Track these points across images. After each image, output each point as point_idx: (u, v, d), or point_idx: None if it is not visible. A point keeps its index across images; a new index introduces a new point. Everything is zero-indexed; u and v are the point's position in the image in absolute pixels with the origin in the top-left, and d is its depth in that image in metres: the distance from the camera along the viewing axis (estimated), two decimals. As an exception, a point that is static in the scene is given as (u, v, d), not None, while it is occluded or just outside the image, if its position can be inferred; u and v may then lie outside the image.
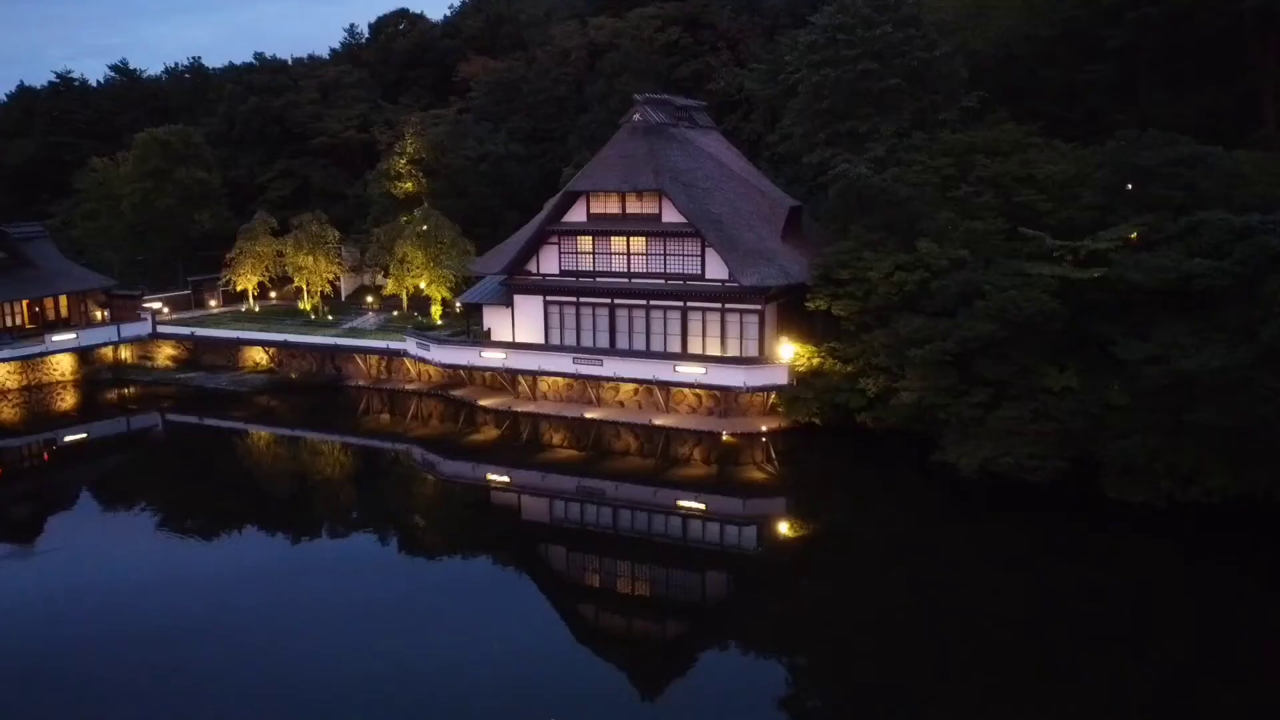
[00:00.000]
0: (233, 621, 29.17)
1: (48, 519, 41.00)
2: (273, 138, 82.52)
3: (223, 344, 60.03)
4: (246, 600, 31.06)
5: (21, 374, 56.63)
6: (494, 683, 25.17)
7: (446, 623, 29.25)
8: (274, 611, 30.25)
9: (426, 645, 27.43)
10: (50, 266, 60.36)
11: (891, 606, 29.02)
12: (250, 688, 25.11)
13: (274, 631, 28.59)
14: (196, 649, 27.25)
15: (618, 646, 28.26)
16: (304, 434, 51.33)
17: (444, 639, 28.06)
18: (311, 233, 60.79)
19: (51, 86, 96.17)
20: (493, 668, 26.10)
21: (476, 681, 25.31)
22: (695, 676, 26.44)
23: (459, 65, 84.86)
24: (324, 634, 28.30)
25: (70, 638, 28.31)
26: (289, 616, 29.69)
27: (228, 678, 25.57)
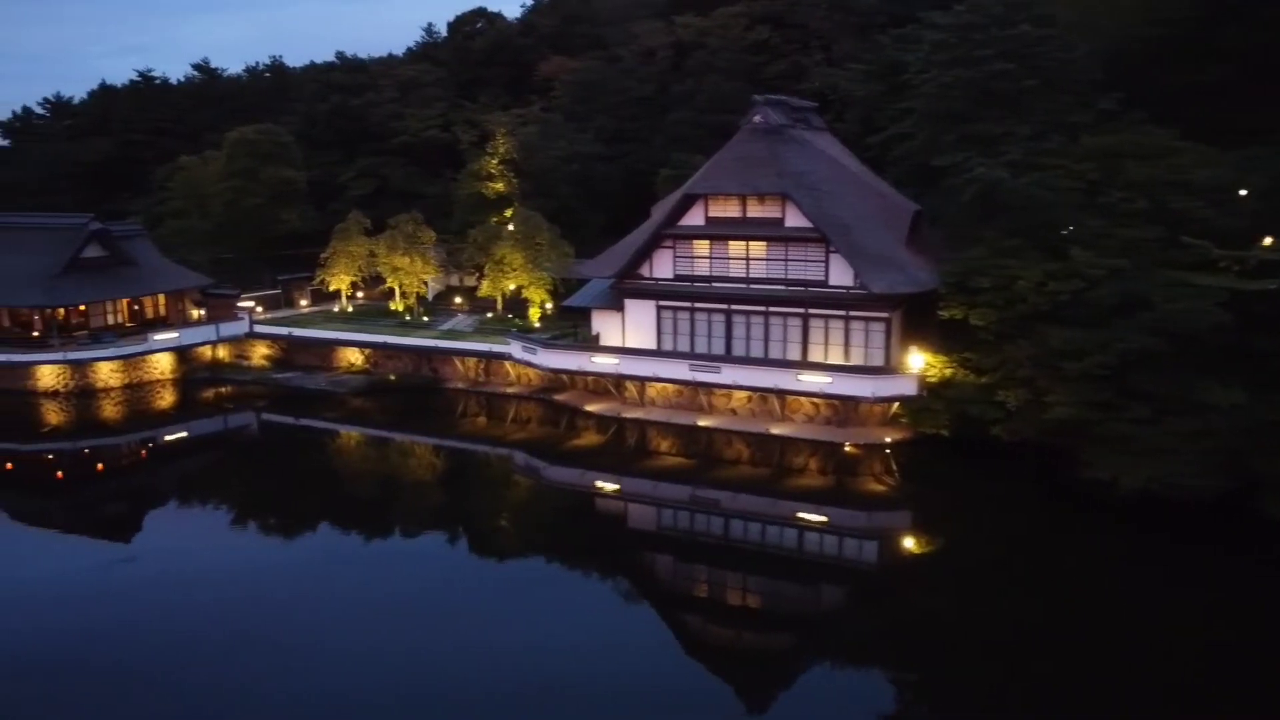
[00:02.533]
0: (312, 621, 29.21)
1: (143, 515, 41.51)
2: (352, 137, 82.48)
3: (318, 344, 59.87)
4: (337, 594, 31.17)
5: (124, 372, 56.79)
6: (598, 693, 24.79)
7: (551, 628, 28.72)
8: (378, 611, 29.91)
9: (528, 649, 27.05)
10: (150, 265, 60.59)
11: (1019, 631, 27.88)
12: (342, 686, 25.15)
13: (374, 632, 28.19)
14: (273, 644, 27.75)
15: (726, 657, 27.76)
16: (401, 436, 51.12)
17: (548, 644, 27.58)
18: (407, 233, 60.37)
19: (131, 85, 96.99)
20: (597, 676, 25.71)
21: (578, 690, 24.89)
22: (803, 690, 25.84)
23: (537, 64, 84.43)
24: (427, 635, 28.06)
25: (149, 627, 28.95)
26: (394, 618, 29.20)
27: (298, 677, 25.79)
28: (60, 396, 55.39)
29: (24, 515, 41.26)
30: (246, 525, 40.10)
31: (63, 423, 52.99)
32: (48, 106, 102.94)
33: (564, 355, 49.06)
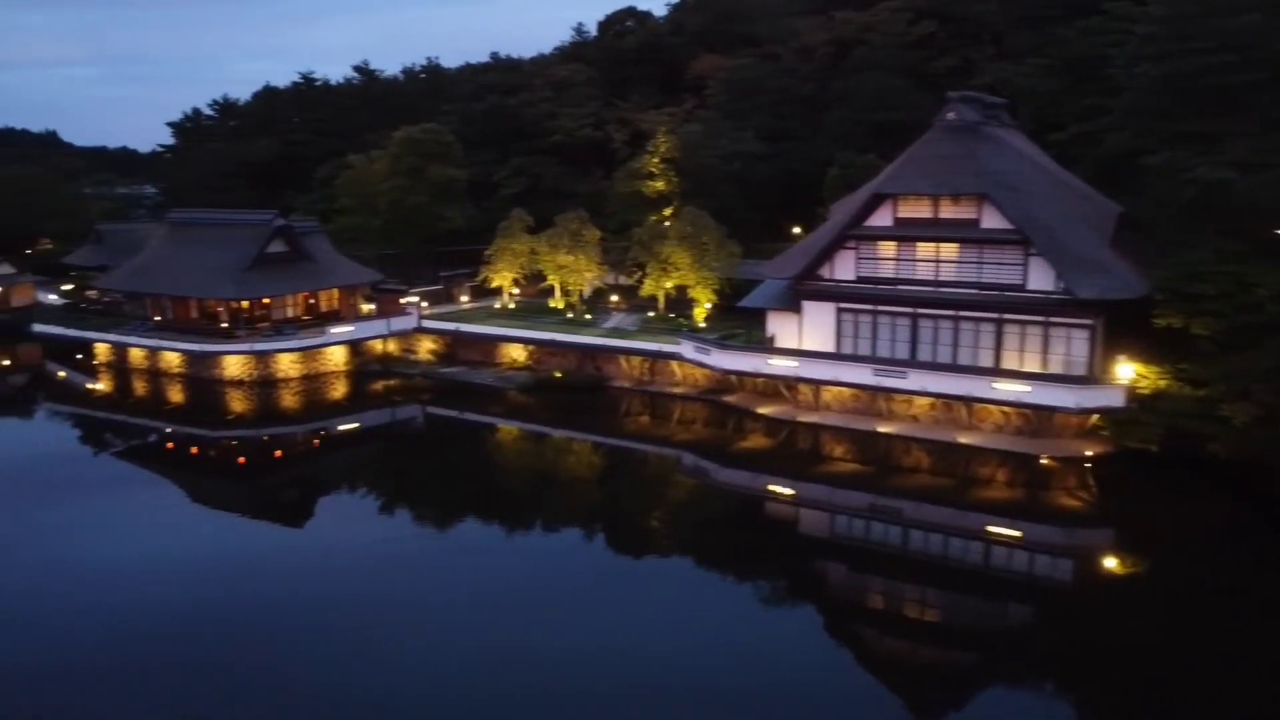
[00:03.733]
0: (457, 612, 29.42)
1: (313, 501, 43.34)
2: (506, 136, 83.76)
3: (482, 340, 60.83)
4: (485, 587, 31.60)
5: (302, 363, 58.87)
6: (760, 700, 24.28)
7: (717, 633, 28.30)
8: (529, 604, 30.11)
9: (694, 653, 26.74)
10: (325, 261, 62.69)
11: (1225, 666, 25.81)
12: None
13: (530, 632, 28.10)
14: (411, 629, 28.28)
15: (899, 670, 26.89)
16: (564, 433, 51.49)
17: (713, 649, 27.18)
18: (572, 231, 60.74)
19: (294, 86, 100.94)
20: (762, 684, 25.14)
21: (746, 700, 24.36)
22: (981, 710, 24.82)
23: (688, 63, 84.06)
24: (577, 630, 28.11)
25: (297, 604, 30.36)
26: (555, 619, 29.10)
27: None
28: (244, 385, 57.81)
29: (208, 498, 43.29)
30: (404, 514, 41.31)
31: (246, 410, 55.32)
32: (215, 108, 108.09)
33: (739, 356, 48.41)
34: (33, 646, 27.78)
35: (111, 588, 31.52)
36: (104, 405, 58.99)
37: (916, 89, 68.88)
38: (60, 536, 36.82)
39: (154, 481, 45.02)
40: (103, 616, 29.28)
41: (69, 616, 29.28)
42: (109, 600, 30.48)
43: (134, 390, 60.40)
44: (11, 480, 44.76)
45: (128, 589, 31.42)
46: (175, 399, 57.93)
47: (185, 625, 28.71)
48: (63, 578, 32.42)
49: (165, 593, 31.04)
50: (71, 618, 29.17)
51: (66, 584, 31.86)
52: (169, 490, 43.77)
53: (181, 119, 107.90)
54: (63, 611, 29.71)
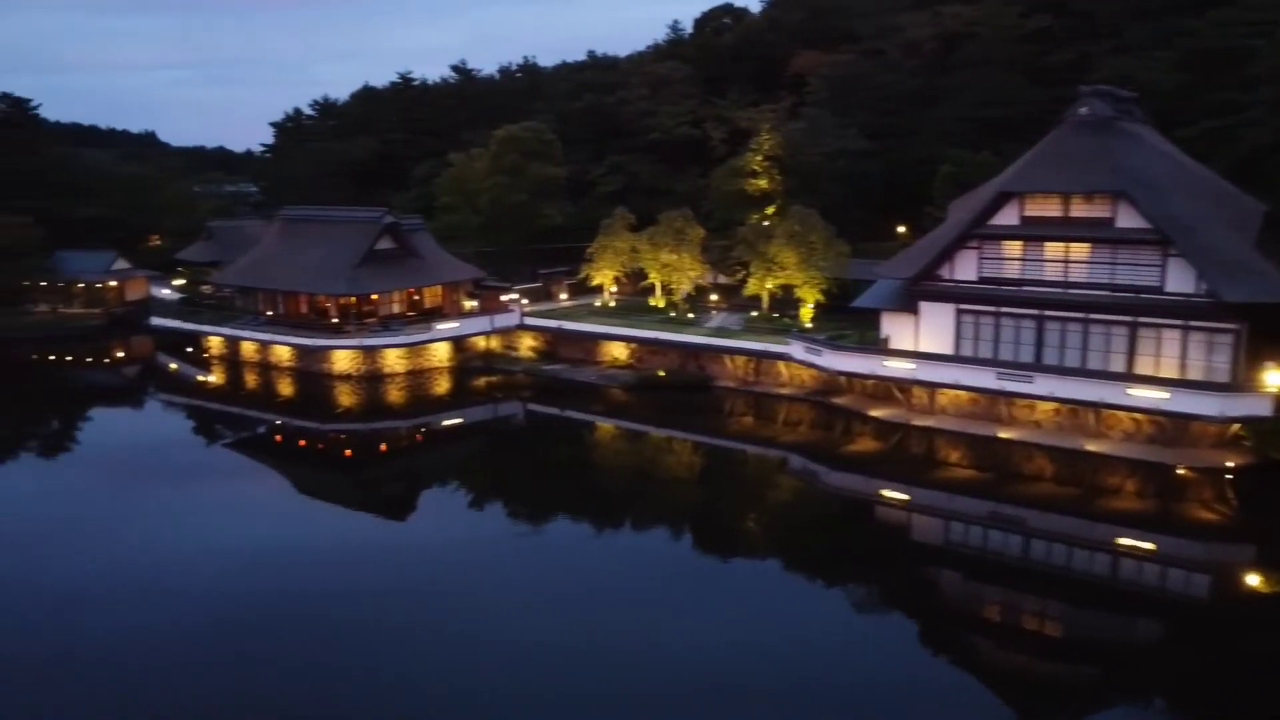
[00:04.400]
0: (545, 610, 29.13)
1: (415, 495, 43.75)
2: (603, 134, 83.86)
3: (584, 338, 60.78)
4: (580, 584, 31.35)
5: (408, 359, 59.57)
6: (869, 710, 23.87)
7: (821, 638, 27.78)
8: (624, 603, 29.97)
9: (796, 660, 26.13)
10: (431, 257, 63.39)
11: None
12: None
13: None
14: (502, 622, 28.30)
15: (1015, 684, 25.87)
16: (665, 432, 50.94)
17: (814, 654, 26.66)
18: (675, 229, 60.28)
19: (393, 86, 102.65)
20: (868, 693, 24.64)
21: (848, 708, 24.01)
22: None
23: (787, 60, 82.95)
24: (668, 628, 27.80)
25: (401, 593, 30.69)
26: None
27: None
28: (352, 380, 58.73)
29: (314, 489, 43.92)
30: (503, 509, 41.67)
31: (353, 405, 56.18)
32: (316, 107, 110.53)
33: (852, 358, 47.36)
34: (137, 625, 28.60)
35: (215, 572, 32.32)
36: (215, 397, 60.56)
37: (1028, 84, 66.83)
38: (170, 522, 38.05)
39: (262, 472, 46.10)
40: (202, 599, 30.07)
41: (171, 598, 30.18)
42: (210, 584, 31.29)
43: (245, 383, 61.89)
44: (126, 467, 46.33)
45: (231, 574, 32.19)
46: (285, 392, 59.15)
47: (277, 610, 29.43)
48: (170, 561, 33.42)
49: (264, 578, 31.82)
50: (174, 600, 30.07)
51: (174, 567, 32.83)
52: (276, 480, 44.76)
53: (283, 119, 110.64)
54: (166, 593, 30.65)
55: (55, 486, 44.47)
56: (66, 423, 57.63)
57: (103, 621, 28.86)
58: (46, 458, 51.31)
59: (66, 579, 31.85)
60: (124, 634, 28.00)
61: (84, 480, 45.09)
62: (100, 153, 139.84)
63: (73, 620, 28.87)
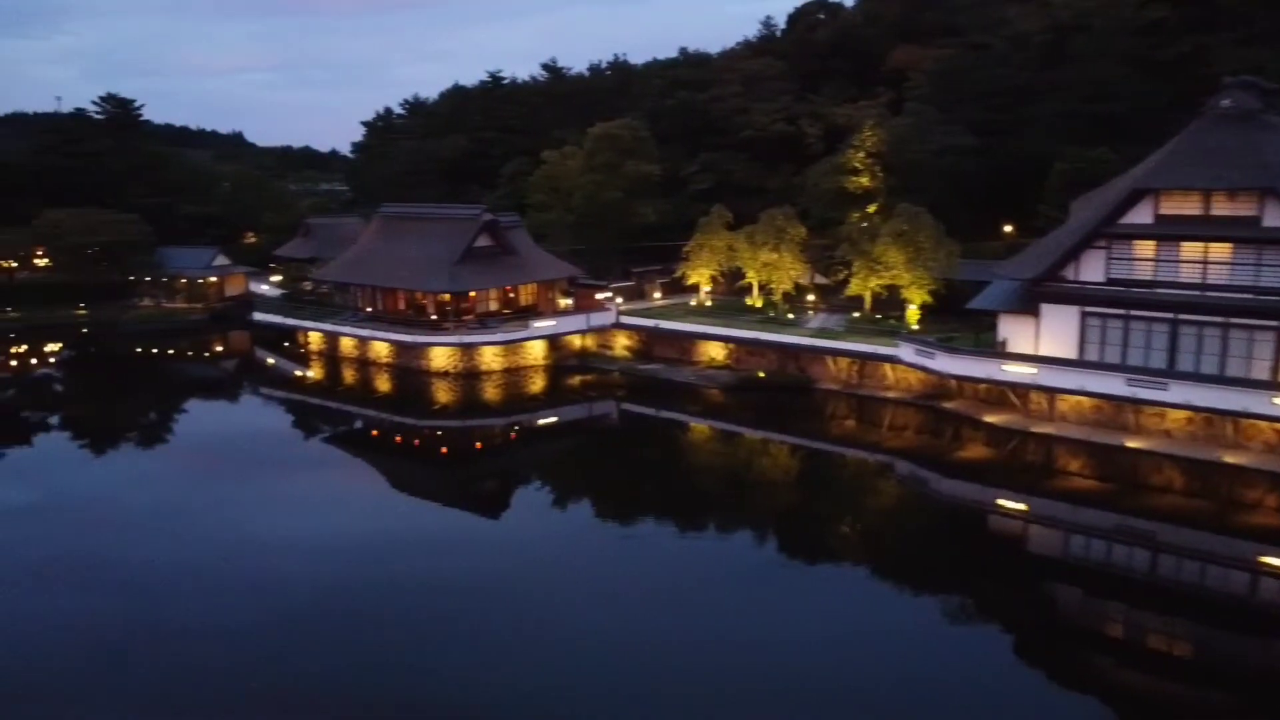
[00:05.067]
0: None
1: (509, 492, 43.55)
2: (695, 131, 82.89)
3: (680, 337, 59.96)
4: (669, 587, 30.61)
5: (504, 357, 59.48)
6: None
7: (931, 653, 26.53)
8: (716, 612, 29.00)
9: (890, 670, 25.27)
10: (528, 255, 63.23)
11: None
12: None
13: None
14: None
15: (1138, 709, 24.52)
16: (764, 434, 49.99)
17: (919, 668, 25.46)
18: (776, 227, 59.05)
19: (482, 85, 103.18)
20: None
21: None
22: None
23: (885, 55, 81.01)
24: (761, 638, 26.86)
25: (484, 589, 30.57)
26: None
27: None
28: (449, 377, 58.84)
29: (408, 485, 43.80)
30: (595, 508, 40.83)
31: (451, 401, 56.26)
32: (406, 106, 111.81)
33: (968, 361, 45.60)
34: (230, 607, 29.37)
35: (304, 561, 32.89)
36: (314, 391, 61.28)
37: (1141, 78, 63.99)
38: (265, 511, 39.01)
39: (358, 466, 46.52)
40: (291, 587, 30.69)
41: (261, 585, 31.00)
42: (298, 573, 31.82)
43: (343, 378, 62.52)
44: (226, 457, 47.35)
45: (319, 563, 32.74)
46: (382, 388, 59.53)
47: (362, 599, 29.75)
48: (261, 550, 34.33)
49: (353, 568, 32.22)
50: (262, 586, 30.86)
51: (264, 556, 33.72)
52: (371, 475, 45.02)
53: (374, 118, 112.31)
54: (255, 579, 31.54)
55: (157, 474, 45.64)
56: (170, 414, 58.95)
57: (189, 606, 29.53)
58: (149, 447, 52.53)
59: (161, 563, 32.92)
60: (209, 618, 28.55)
61: (185, 469, 46.21)
62: (195, 153, 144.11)
63: (161, 603, 29.75)
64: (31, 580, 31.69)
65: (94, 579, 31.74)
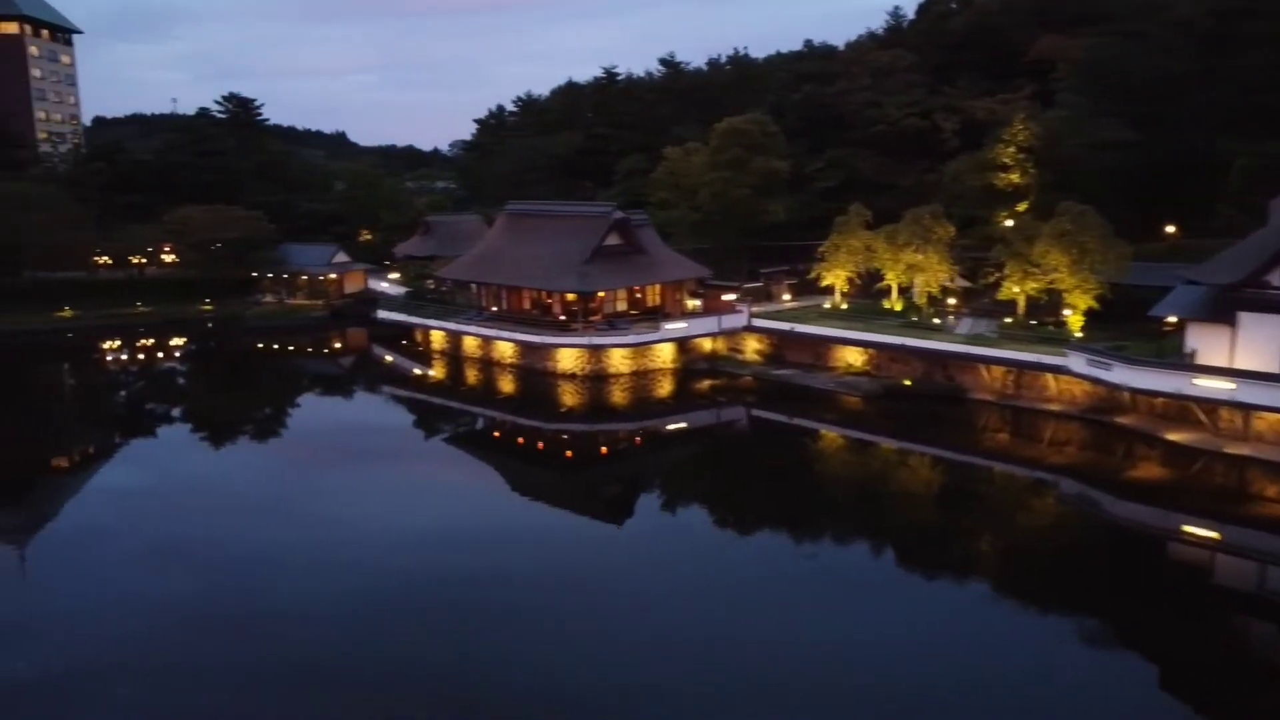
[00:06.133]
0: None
1: (633, 499, 41.89)
2: (821, 126, 79.77)
3: (814, 341, 57.16)
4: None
5: (632, 359, 57.54)
6: None
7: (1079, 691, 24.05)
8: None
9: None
10: (657, 254, 61.20)
11: None
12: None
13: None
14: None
15: None
16: (904, 445, 47.27)
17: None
18: (922, 226, 55.71)
19: (595, 81, 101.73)
20: None
21: None
22: None
23: (1028, 44, 76.56)
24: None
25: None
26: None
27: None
28: (576, 379, 57.18)
29: (529, 487, 42.56)
30: (720, 518, 38.74)
31: (577, 404, 54.59)
32: (518, 104, 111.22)
33: (1151, 374, 41.77)
34: (334, 592, 29.95)
35: (415, 554, 33.12)
36: (434, 390, 60.57)
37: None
38: (379, 504, 38.87)
39: (478, 466, 45.77)
40: (399, 577, 30.96)
41: (366, 571, 31.48)
42: (408, 563, 32.21)
43: (464, 377, 61.55)
44: (343, 452, 47.72)
45: (432, 555, 33.25)
46: (505, 388, 58.29)
47: (464, 593, 29.90)
48: (375, 540, 34.54)
49: (463, 563, 32.33)
50: (369, 574, 31.28)
51: (375, 546, 33.94)
52: (490, 475, 44.27)
53: (486, 115, 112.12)
54: (362, 567, 31.90)
55: (275, 466, 46.64)
56: (290, 409, 59.78)
57: (293, 588, 30.46)
58: (265, 440, 53.52)
59: (278, 547, 34.41)
60: (311, 601, 29.30)
61: (302, 461, 46.66)
62: (307, 151, 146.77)
63: (267, 582, 30.89)
64: (143, 559, 32.94)
65: (201, 560, 32.96)
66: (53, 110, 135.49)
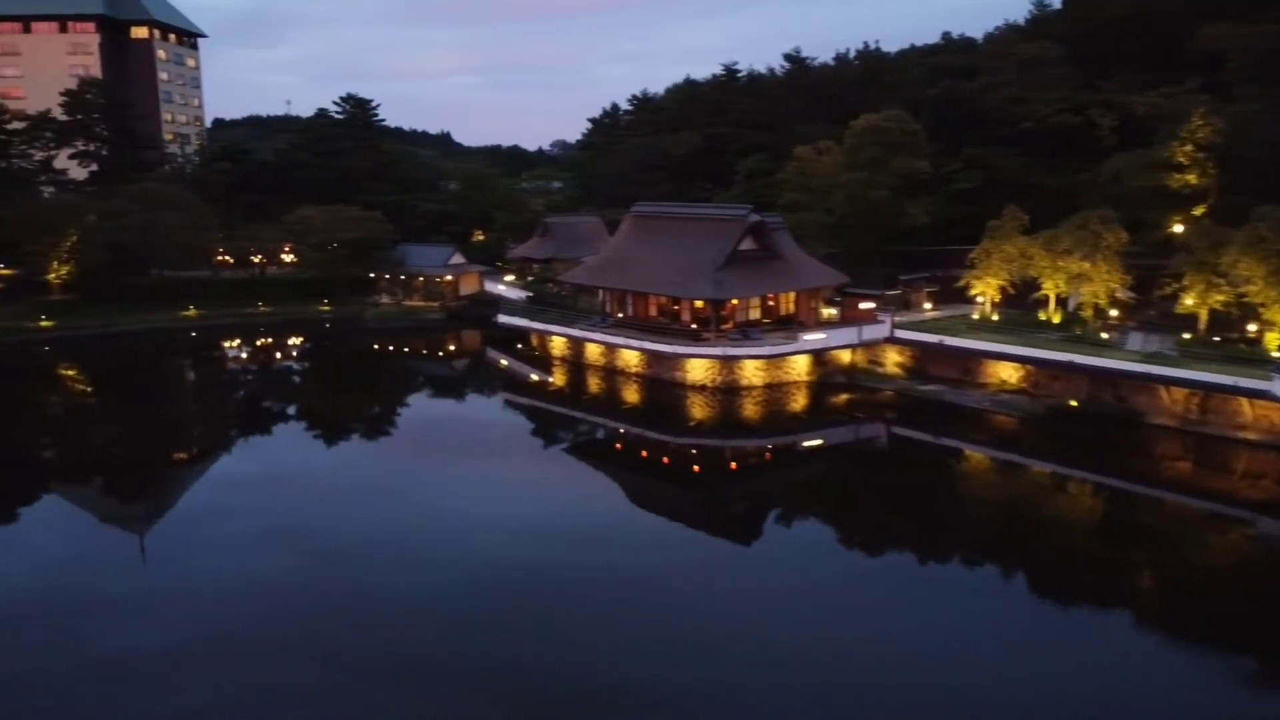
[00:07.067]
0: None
1: (761, 518, 39.30)
2: (959, 124, 74.95)
3: (963, 355, 52.90)
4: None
5: (765, 371, 54.27)
6: None
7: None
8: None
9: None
10: (793, 260, 57.75)
11: None
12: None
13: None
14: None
15: None
16: (1071, 471, 43.07)
17: None
18: (1091, 232, 50.91)
19: (715, 79, 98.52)
20: None
21: None
22: None
23: (1193, 32, 70.29)
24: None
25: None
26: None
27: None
28: (705, 391, 54.19)
29: (650, 500, 40.47)
30: (848, 544, 36.12)
31: (706, 417, 51.59)
32: (634, 102, 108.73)
33: (1382, 404, 36.67)
34: (436, 582, 30.48)
35: (532, 558, 32.55)
36: (554, 397, 58.43)
37: None
38: (491, 507, 38.14)
39: (596, 477, 43.86)
40: (505, 578, 30.75)
41: (467, 565, 31.93)
42: (518, 564, 31.90)
43: (586, 385, 59.18)
44: (458, 455, 47.00)
45: (538, 550, 33.18)
46: (630, 398, 55.69)
47: (578, 596, 29.48)
48: (483, 540, 34.42)
49: (567, 566, 31.99)
50: (471, 569, 31.59)
51: (490, 545, 33.85)
52: (609, 487, 42.47)
53: (600, 114, 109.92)
54: (465, 563, 32.30)
55: (397, 463, 46.67)
56: (407, 411, 59.05)
57: (411, 575, 31.12)
58: (374, 438, 53.12)
59: (388, 538, 34.80)
60: (412, 591, 29.80)
61: (416, 462, 46.50)
62: (420, 151, 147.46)
63: (376, 572, 31.49)
64: (250, 546, 34.00)
65: (311, 547, 33.88)
66: (178, 112, 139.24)
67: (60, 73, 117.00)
